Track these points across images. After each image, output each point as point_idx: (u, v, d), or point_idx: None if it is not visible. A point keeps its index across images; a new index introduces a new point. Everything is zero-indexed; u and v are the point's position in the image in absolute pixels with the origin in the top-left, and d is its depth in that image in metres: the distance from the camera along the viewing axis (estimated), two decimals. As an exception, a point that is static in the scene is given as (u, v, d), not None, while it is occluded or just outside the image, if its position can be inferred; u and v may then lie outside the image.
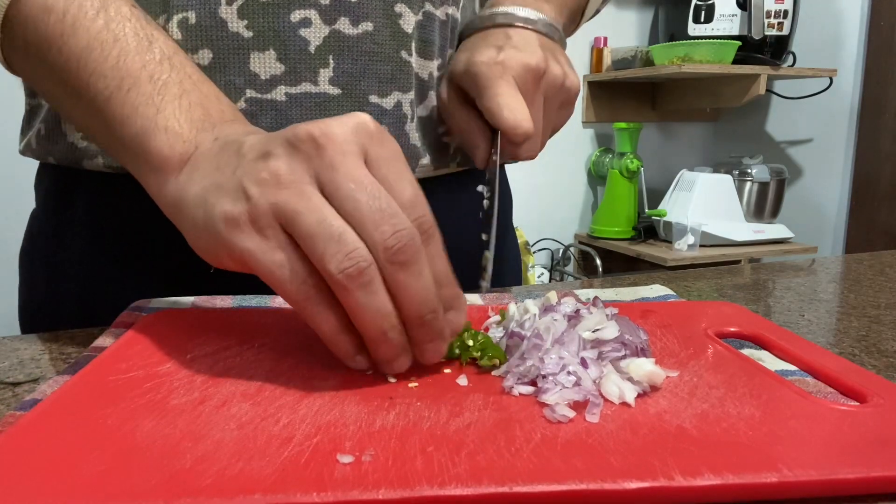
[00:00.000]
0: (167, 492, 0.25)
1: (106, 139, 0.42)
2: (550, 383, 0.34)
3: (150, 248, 0.55)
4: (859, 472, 0.28)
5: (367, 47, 0.53)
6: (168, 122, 0.39)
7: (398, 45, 0.54)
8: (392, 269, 0.34)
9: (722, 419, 0.32)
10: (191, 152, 0.39)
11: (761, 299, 0.62)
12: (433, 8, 0.56)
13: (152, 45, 0.41)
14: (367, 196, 0.33)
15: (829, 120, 2.27)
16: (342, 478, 0.26)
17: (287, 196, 0.34)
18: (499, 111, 0.49)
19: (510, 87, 0.50)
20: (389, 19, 0.53)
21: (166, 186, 0.39)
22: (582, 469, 0.27)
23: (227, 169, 0.36)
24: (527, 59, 0.51)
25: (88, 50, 0.40)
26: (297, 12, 0.51)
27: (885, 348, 0.47)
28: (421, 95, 0.57)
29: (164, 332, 0.43)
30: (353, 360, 0.36)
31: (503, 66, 0.50)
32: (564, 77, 0.54)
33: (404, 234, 0.33)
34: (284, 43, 0.51)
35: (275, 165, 0.34)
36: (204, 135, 0.39)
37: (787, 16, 2.09)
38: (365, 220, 0.33)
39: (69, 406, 0.33)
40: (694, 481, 0.27)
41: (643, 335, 0.39)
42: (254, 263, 0.35)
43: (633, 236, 2.27)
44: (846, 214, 2.27)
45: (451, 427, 0.31)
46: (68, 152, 0.54)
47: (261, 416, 0.32)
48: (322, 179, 0.34)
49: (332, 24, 0.52)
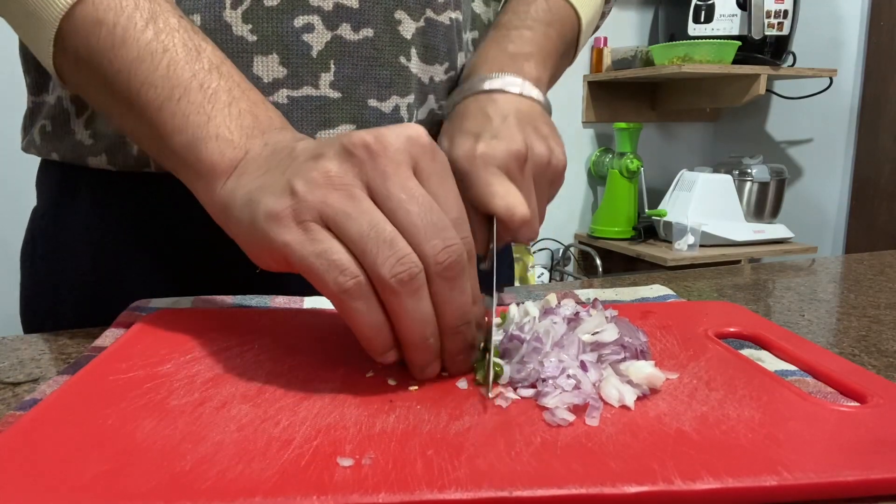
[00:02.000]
0: (167, 494, 0.25)
1: (157, 148, 0.43)
2: (550, 387, 0.34)
3: (152, 248, 0.56)
4: (859, 473, 0.28)
5: (367, 52, 0.53)
6: (219, 129, 0.40)
7: (397, 51, 0.55)
8: (440, 281, 0.34)
9: (721, 422, 0.32)
10: (241, 157, 0.39)
11: (761, 299, 0.62)
12: (434, 14, 0.56)
13: (201, 54, 0.42)
14: (419, 208, 0.34)
15: (829, 120, 2.27)
16: (342, 481, 0.26)
17: (337, 198, 0.34)
18: (490, 200, 0.47)
19: (496, 176, 0.48)
20: (389, 26, 0.54)
21: (215, 192, 0.40)
22: (581, 473, 0.27)
23: (277, 171, 0.37)
24: (507, 147, 0.48)
25: (139, 61, 0.41)
26: (300, 18, 0.51)
27: (885, 348, 0.47)
28: (421, 99, 0.57)
29: (164, 332, 0.43)
30: (384, 357, 0.36)
31: (484, 159, 0.48)
32: (550, 155, 0.51)
33: (454, 249, 0.34)
34: (287, 47, 0.51)
35: (326, 166, 0.35)
36: (254, 141, 0.40)
37: (787, 16, 2.08)
38: (417, 231, 0.34)
39: (69, 406, 0.33)
40: (693, 485, 0.27)
41: (643, 337, 0.39)
42: (291, 256, 0.35)
43: (633, 236, 2.27)
44: (846, 214, 2.27)
45: (451, 430, 0.31)
46: (73, 149, 0.55)
47: (261, 417, 0.32)
48: (373, 186, 0.34)
49: (334, 30, 0.52)
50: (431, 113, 0.59)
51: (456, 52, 0.59)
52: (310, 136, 0.53)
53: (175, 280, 0.56)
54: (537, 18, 0.58)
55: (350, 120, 0.54)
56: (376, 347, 0.36)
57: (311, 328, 0.45)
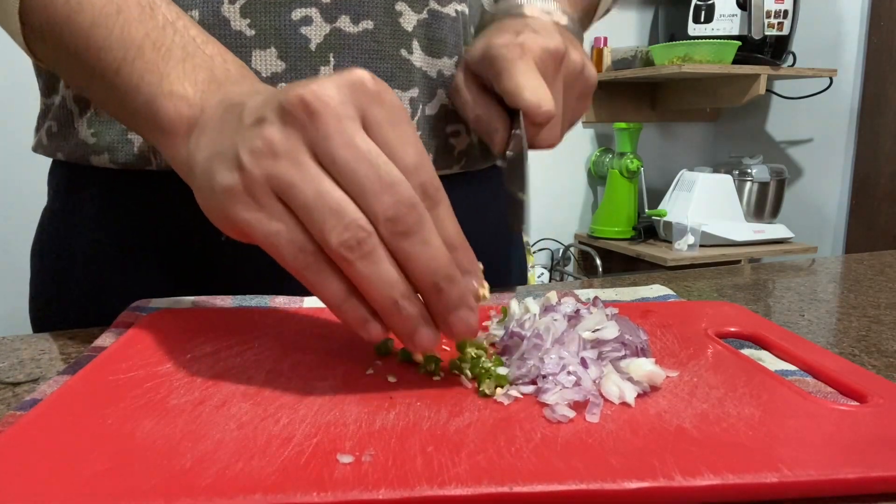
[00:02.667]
0: (167, 492, 0.25)
1: (121, 112, 0.43)
2: (550, 383, 0.34)
3: (156, 245, 0.56)
4: (859, 471, 0.28)
5: (367, 45, 0.53)
6: (173, 86, 0.39)
7: (398, 44, 0.54)
8: (396, 239, 0.33)
9: (722, 419, 0.32)
10: (197, 116, 0.39)
11: (761, 299, 0.62)
12: (439, 6, 0.56)
13: (154, 11, 0.42)
14: (366, 165, 0.32)
15: (829, 120, 2.27)
16: (342, 478, 0.26)
17: (282, 168, 0.33)
18: (520, 91, 0.47)
19: (530, 68, 0.48)
20: (390, 17, 0.54)
21: (178, 151, 0.39)
22: (582, 469, 0.27)
23: (227, 134, 0.36)
24: (546, 43, 0.49)
25: (94, 26, 0.41)
26: (298, 11, 0.51)
27: (885, 348, 0.47)
28: (428, 94, 0.57)
29: (164, 332, 0.43)
30: (365, 329, 0.35)
31: (522, 48, 0.48)
32: (584, 65, 0.52)
33: (405, 202, 0.32)
34: (285, 41, 0.51)
35: (268, 133, 0.33)
36: (209, 97, 0.39)
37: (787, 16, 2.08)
38: (364, 191, 0.32)
39: (69, 406, 0.33)
40: (694, 481, 0.27)
41: (643, 335, 0.39)
42: (251, 233, 0.34)
43: (633, 236, 2.27)
44: (846, 214, 2.27)
45: (452, 427, 0.31)
46: (77, 149, 0.55)
47: (261, 416, 0.32)
48: (318, 150, 0.33)
49: (333, 23, 0.52)
50: (443, 108, 0.58)
51: (461, 46, 0.59)
52: None
53: (177, 278, 0.56)
54: None
55: None
56: (351, 321, 0.35)
57: (311, 327, 0.45)
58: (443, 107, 0.58)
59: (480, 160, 0.63)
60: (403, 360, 0.39)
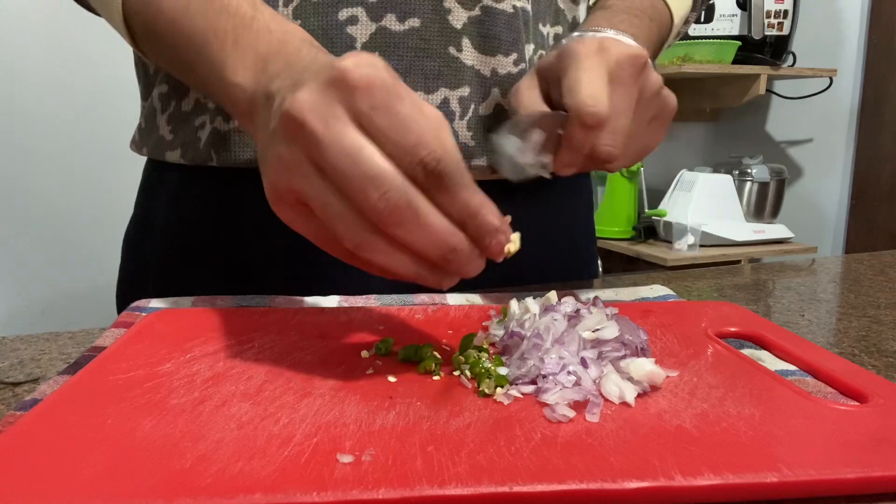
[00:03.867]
0: (167, 491, 0.25)
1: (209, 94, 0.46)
2: (550, 383, 0.34)
3: (217, 242, 0.58)
4: (859, 471, 0.28)
5: (414, 43, 0.53)
6: (231, 75, 0.41)
7: (446, 41, 0.54)
8: (389, 229, 0.33)
9: (722, 419, 0.32)
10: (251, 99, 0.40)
11: (761, 299, 0.62)
12: (493, 2, 0.55)
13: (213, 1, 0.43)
14: (348, 162, 0.32)
15: (829, 120, 2.27)
16: (342, 477, 0.26)
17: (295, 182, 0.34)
18: (577, 86, 0.44)
19: (597, 66, 0.45)
20: (438, 15, 0.54)
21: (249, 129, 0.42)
22: (582, 469, 0.27)
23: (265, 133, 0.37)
24: (628, 49, 0.46)
25: (173, 22, 0.44)
26: (344, 10, 0.52)
27: (885, 348, 0.47)
28: (482, 93, 0.56)
29: (164, 332, 0.43)
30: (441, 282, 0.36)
31: (601, 48, 0.46)
32: (662, 87, 0.49)
33: (389, 193, 0.32)
34: (332, 41, 0.52)
35: (277, 151, 0.35)
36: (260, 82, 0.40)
37: (787, 16, 2.08)
38: (352, 187, 0.33)
39: (69, 406, 0.33)
40: (694, 481, 0.27)
41: (643, 335, 0.39)
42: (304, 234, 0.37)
43: (633, 236, 2.27)
44: (846, 214, 2.27)
45: (452, 427, 0.31)
46: (157, 145, 0.59)
47: (261, 415, 0.32)
48: (315, 158, 0.33)
49: (379, 21, 0.52)
50: (499, 108, 0.57)
51: (523, 43, 0.57)
52: None
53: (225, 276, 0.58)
54: (643, 11, 0.58)
55: None
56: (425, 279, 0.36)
57: (311, 327, 0.45)
58: (498, 106, 0.57)
59: None
60: (404, 360, 0.39)
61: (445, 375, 0.37)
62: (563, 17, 0.64)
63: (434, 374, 0.37)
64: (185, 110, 0.57)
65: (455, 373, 0.38)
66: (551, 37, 0.63)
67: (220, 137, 0.54)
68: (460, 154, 0.34)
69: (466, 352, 0.39)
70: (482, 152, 0.57)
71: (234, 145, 0.54)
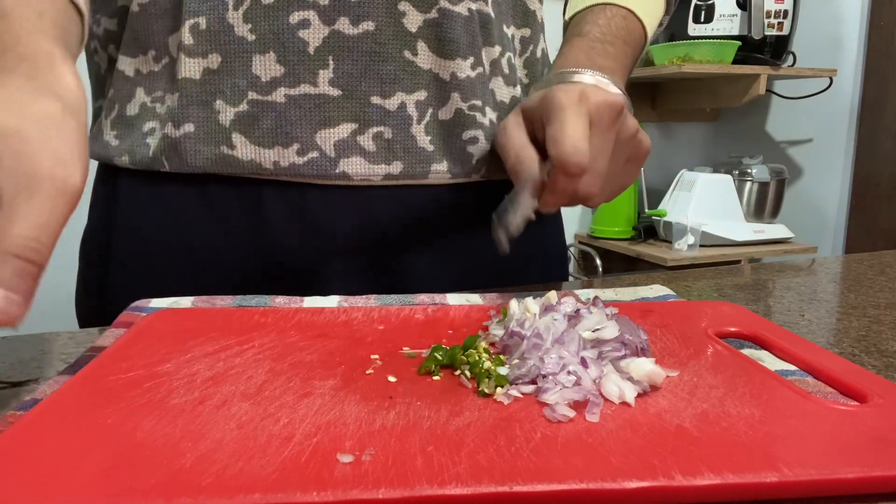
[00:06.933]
0: (167, 491, 0.25)
1: None
2: (550, 383, 0.34)
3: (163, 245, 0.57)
4: (859, 471, 0.28)
5: (368, 47, 0.52)
6: None
7: (401, 45, 0.53)
8: None
9: (722, 419, 0.32)
10: None
11: (761, 299, 0.62)
12: (450, 4, 0.54)
13: None
14: None
15: (829, 120, 2.27)
16: (342, 477, 0.26)
17: None
18: (562, 137, 0.46)
19: (580, 116, 0.47)
20: (392, 18, 0.53)
21: None
22: (582, 468, 0.27)
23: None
24: (606, 97, 0.48)
25: None
26: (296, 14, 0.51)
27: (885, 348, 0.47)
28: (440, 97, 0.56)
29: (164, 332, 0.43)
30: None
31: (581, 97, 0.48)
32: (638, 130, 0.52)
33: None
34: (284, 45, 0.51)
35: None
36: None
37: (787, 16, 2.08)
38: None
39: (69, 406, 0.33)
40: (694, 480, 0.27)
41: (643, 335, 0.39)
42: None
43: (633, 236, 2.27)
44: (846, 214, 2.27)
45: (452, 426, 0.31)
46: (104, 149, 0.57)
47: (261, 415, 0.32)
48: None
49: (332, 25, 0.52)
50: (459, 113, 0.57)
51: (481, 47, 0.57)
52: (309, 136, 0.53)
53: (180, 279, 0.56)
54: (618, 35, 0.59)
55: (351, 118, 0.53)
56: None
57: (311, 327, 0.45)
58: (458, 111, 0.56)
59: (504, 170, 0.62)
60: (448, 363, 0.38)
61: (445, 375, 0.37)
62: (533, 19, 0.64)
63: (434, 374, 0.37)
64: (130, 115, 0.56)
65: (455, 373, 0.38)
66: (517, 39, 0.63)
67: (171, 144, 0.53)
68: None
69: (467, 351, 0.39)
70: (441, 157, 0.57)
71: (185, 152, 0.53)
